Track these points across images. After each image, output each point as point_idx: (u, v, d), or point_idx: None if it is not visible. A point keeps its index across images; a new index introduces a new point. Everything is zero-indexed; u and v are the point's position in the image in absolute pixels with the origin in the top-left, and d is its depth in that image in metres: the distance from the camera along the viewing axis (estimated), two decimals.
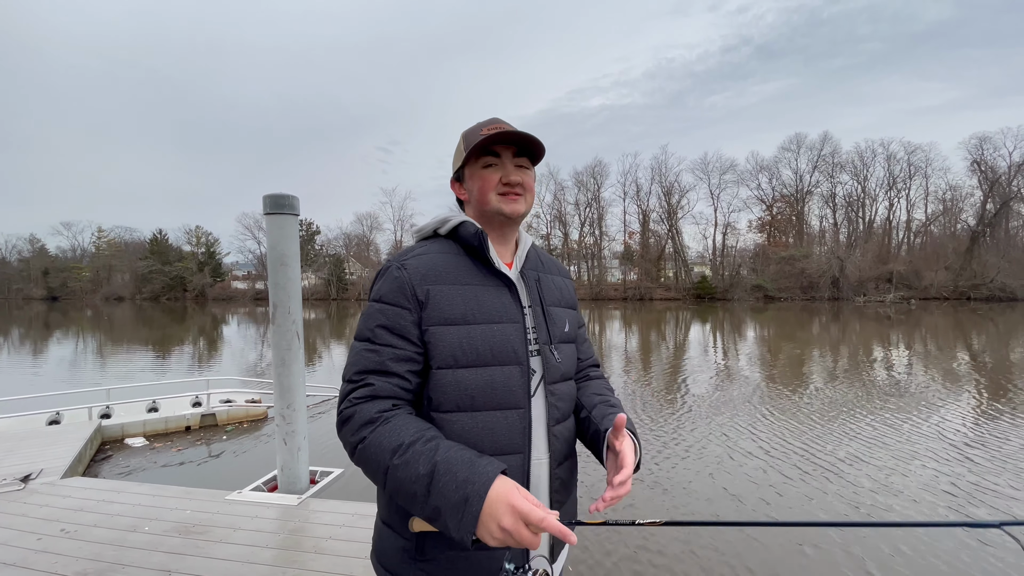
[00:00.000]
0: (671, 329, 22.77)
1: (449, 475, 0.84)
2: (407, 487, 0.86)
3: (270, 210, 4.08)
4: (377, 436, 0.91)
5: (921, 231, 49.03)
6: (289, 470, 4.16)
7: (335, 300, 53.94)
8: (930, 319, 24.94)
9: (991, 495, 4.65)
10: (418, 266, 1.02)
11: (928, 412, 7.50)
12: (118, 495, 3.89)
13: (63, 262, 69.07)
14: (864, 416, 7.34)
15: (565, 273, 1.30)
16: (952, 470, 5.25)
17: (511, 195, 1.07)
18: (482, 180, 1.07)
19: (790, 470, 5.31)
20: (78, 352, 16.59)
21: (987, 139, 43.86)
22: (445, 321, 0.99)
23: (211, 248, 66.88)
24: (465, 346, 0.98)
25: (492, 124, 1.07)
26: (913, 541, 3.75)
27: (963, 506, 4.46)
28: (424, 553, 0.99)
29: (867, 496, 4.66)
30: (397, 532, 1.02)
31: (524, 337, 1.05)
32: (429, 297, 0.99)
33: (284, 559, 2.93)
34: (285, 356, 4.12)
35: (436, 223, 1.12)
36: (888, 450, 5.88)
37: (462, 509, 0.82)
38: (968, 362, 12.13)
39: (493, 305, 1.04)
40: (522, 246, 1.16)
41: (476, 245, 1.05)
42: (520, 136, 1.04)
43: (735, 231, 52.92)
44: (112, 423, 6.60)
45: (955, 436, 6.36)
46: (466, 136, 1.10)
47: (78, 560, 2.90)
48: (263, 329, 24.43)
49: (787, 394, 8.92)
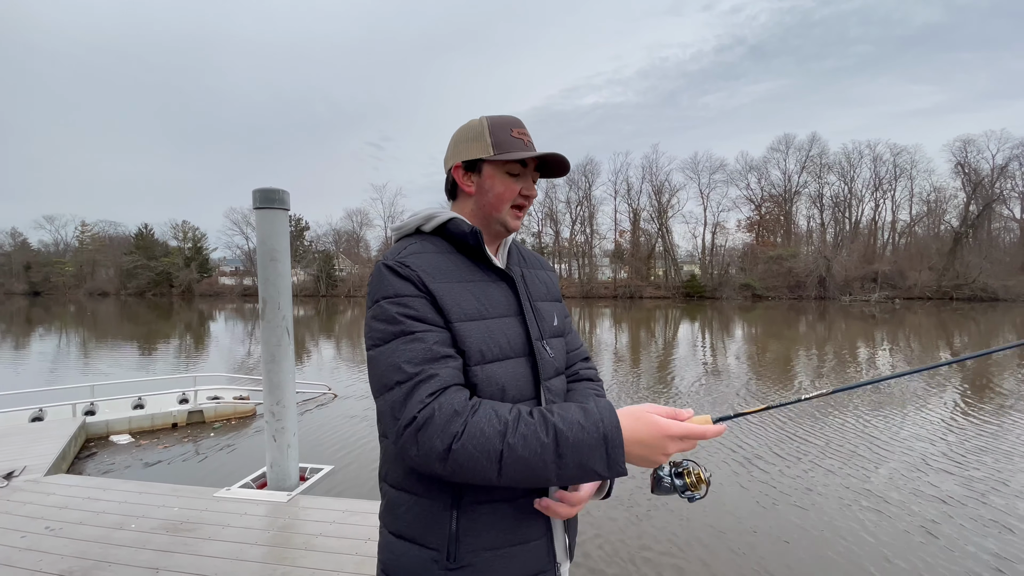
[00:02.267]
0: (660, 327, 22.92)
1: (575, 427, 0.82)
2: (534, 462, 0.81)
3: (260, 204, 4.04)
4: (474, 426, 0.82)
5: (906, 232, 49.79)
6: (278, 467, 4.14)
7: (324, 297, 53.57)
8: (914, 318, 25.36)
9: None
10: (421, 264, 0.96)
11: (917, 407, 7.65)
12: (104, 492, 3.84)
13: (46, 257, 67.66)
14: (850, 414, 7.46)
15: (547, 266, 1.28)
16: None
17: (521, 210, 1.06)
18: (504, 187, 1.04)
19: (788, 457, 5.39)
20: (61, 348, 16.31)
21: (971, 142, 44.66)
22: (465, 317, 0.95)
23: (198, 243, 66.03)
24: (489, 340, 0.96)
25: (519, 127, 1.05)
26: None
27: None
28: (458, 559, 0.92)
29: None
30: (421, 544, 0.94)
31: (527, 331, 1.04)
32: (442, 294, 0.95)
33: (274, 556, 2.91)
34: (275, 352, 4.09)
35: (420, 220, 1.06)
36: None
37: (604, 447, 0.81)
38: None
39: (498, 299, 1.02)
40: (504, 243, 1.15)
41: (473, 244, 1.02)
42: (563, 164, 1.05)
43: (724, 230, 53.39)
44: (97, 420, 6.51)
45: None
46: (494, 129, 1.03)
47: (63, 558, 2.87)
48: (251, 325, 24.19)
49: (777, 390, 9.03)
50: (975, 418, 7.19)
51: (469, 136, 1.05)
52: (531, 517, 0.98)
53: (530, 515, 0.98)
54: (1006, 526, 4.06)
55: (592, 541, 3.86)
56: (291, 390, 4.19)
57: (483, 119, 1.06)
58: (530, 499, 0.98)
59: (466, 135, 1.06)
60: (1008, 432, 6.51)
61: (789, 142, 50.86)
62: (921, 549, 3.73)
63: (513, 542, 0.96)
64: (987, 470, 5.24)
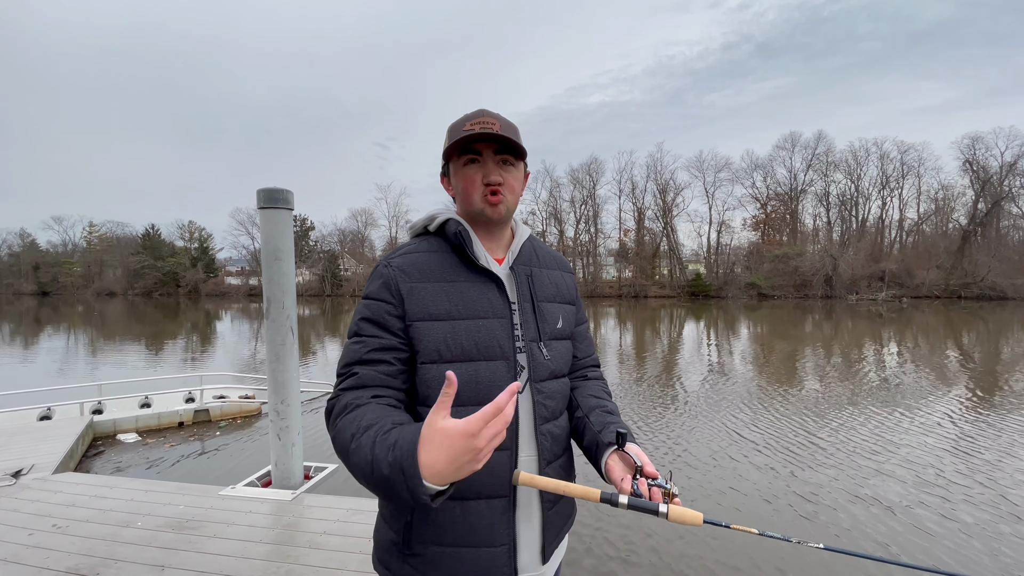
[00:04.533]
0: (665, 326, 22.85)
1: (383, 454, 0.79)
2: (362, 470, 0.82)
3: (264, 204, 4.05)
4: (341, 424, 0.90)
5: (913, 230, 49.43)
6: (283, 465, 4.15)
7: (329, 296, 53.76)
8: (922, 317, 25.16)
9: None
10: (402, 264, 1.04)
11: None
12: (110, 490, 3.87)
13: (54, 257, 68.37)
14: (857, 410, 7.41)
15: (565, 267, 1.25)
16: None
17: (493, 196, 1.04)
18: (465, 179, 1.05)
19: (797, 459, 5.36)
20: (69, 347, 16.45)
21: (979, 139, 44.29)
22: (429, 316, 0.99)
23: (204, 243, 66.47)
24: (450, 340, 0.99)
25: (477, 117, 1.03)
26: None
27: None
28: (410, 547, 0.99)
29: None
30: (388, 524, 1.02)
31: (511, 333, 1.03)
32: (412, 293, 1.00)
33: (278, 554, 2.92)
34: (279, 351, 4.10)
35: (426, 220, 1.12)
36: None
37: (402, 476, 0.76)
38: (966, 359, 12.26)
39: (478, 301, 1.03)
40: (517, 239, 1.14)
41: (456, 244, 1.06)
42: (495, 137, 1.01)
43: (729, 229, 53.20)
44: (104, 419, 6.55)
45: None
46: (450, 131, 1.07)
47: (70, 555, 2.89)
48: (256, 325, 24.31)
49: (788, 391, 8.98)
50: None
51: (444, 144, 1.09)
52: (488, 522, 0.98)
53: (487, 521, 0.98)
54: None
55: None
56: (295, 389, 4.20)
57: (448, 126, 1.10)
58: (488, 503, 0.99)
59: (444, 144, 1.10)
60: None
61: (795, 140, 50.66)
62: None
63: (462, 543, 0.98)
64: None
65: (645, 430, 6.65)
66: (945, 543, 3.80)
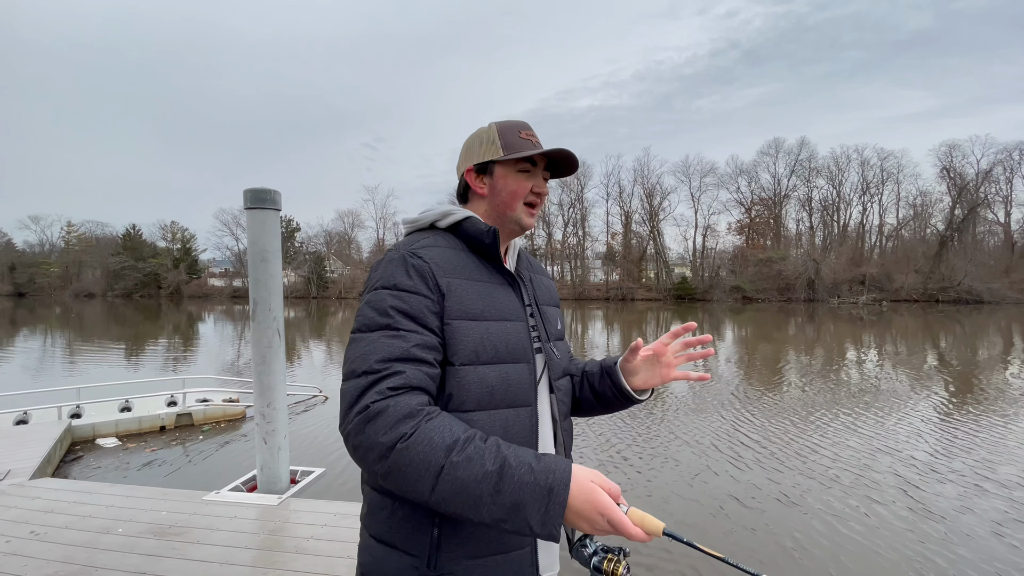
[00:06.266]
0: (652, 329, 23.03)
1: (524, 467, 0.77)
2: (471, 487, 0.77)
3: (251, 205, 4.01)
4: (425, 432, 0.79)
5: (893, 235, 50.56)
6: (269, 470, 4.10)
7: (315, 298, 53.22)
8: (901, 321, 25.70)
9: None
10: (435, 257, 0.97)
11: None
12: (90, 496, 3.78)
13: (31, 257, 66.72)
14: (836, 411, 7.54)
15: (547, 274, 1.32)
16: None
17: (534, 208, 1.09)
18: (516, 184, 1.06)
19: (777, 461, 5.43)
20: (46, 350, 16.06)
21: (956, 147, 45.55)
22: (466, 315, 0.95)
23: (187, 244, 65.46)
24: (485, 342, 0.96)
25: (527, 129, 1.08)
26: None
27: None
28: (437, 567, 0.91)
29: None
30: (401, 550, 0.93)
31: (529, 335, 1.05)
32: (450, 289, 0.95)
33: (264, 560, 2.88)
34: (266, 354, 4.05)
35: (436, 216, 1.07)
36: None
37: (547, 499, 0.75)
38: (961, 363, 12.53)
39: (505, 303, 1.03)
40: (513, 248, 1.17)
41: (488, 243, 1.02)
42: (571, 161, 1.07)
43: (715, 233, 53.90)
44: (83, 423, 6.41)
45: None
46: (503, 132, 1.06)
47: (49, 562, 2.82)
48: (240, 327, 23.98)
49: (769, 393, 9.10)
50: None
51: (480, 140, 1.09)
52: None
53: None
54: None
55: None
56: (282, 392, 4.15)
57: (492, 124, 1.10)
58: None
59: (477, 140, 1.09)
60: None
61: (779, 146, 51.53)
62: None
63: (495, 551, 0.95)
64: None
65: (637, 428, 6.70)
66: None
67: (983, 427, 6.84)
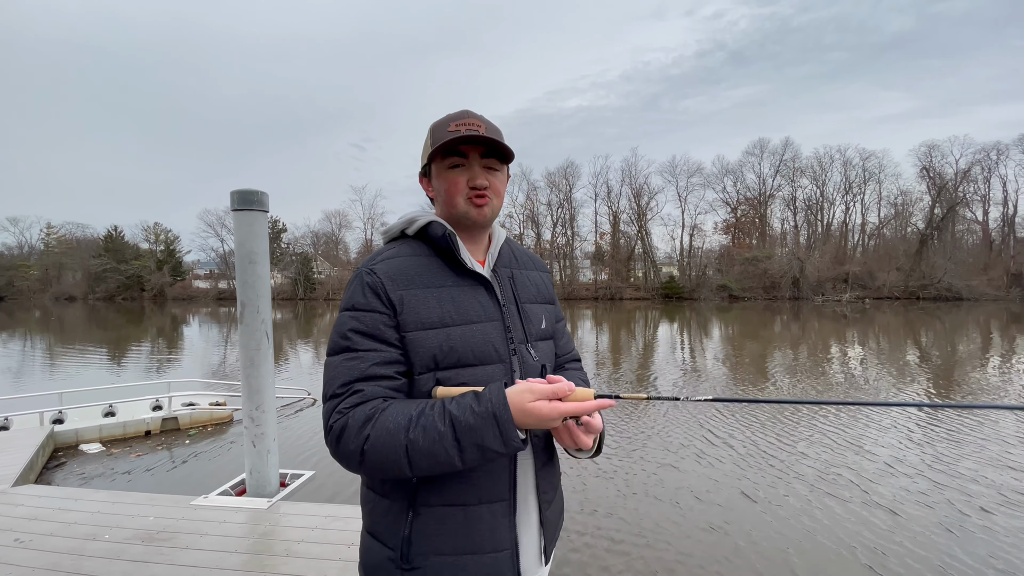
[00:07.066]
0: (640, 328, 23.19)
1: (467, 411, 0.85)
2: (437, 451, 0.85)
3: (238, 206, 3.97)
4: (381, 425, 0.87)
5: (875, 234, 51.38)
6: (258, 473, 4.06)
7: (302, 300, 52.72)
8: (883, 318, 26.17)
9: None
10: (387, 270, 0.98)
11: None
12: (75, 503, 3.73)
13: (9, 260, 65.00)
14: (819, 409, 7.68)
15: (542, 267, 1.26)
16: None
17: (478, 200, 1.02)
18: (448, 182, 1.02)
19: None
20: (26, 354, 15.72)
21: (936, 147, 46.41)
22: (422, 325, 0.96)
23: (171, 246, 64.30)
24: (445, 349, 0.96)
25: (462, 119, 1.01)
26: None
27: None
28: (410, 561, 0.95)
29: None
30: (382, 541, 0.98)
31: (504, 335, 1.03)
32: (404, 301, 0.96)
33: (255, 564, 2.87)
34: (254, 356, 4.02)
35: (403, 223, 1.07)
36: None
37: (496, 424, 0.84)
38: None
39: (470, 305, 1.01)
40: (495, 243, 1.13)
41: (445, 247, 1.02)
42: (484, 140, 0.99)
43: (701, 233, 54.28)
44: (65, 428, 6.30)
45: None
46: (433, 131, 1.04)
47: (34, 570, 2.77)
48: (226, 329, 23.68)
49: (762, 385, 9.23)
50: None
51: (423, 147, 1.08)
52: (491, 527, 0.98)
53: (489, 525, 0.97)
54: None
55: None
56: (270, 395, 4.12)
57: (430, 126, 1.08)
58: (489, 507, 0.98)
59: (423, 148, 1.08)
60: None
61: (763, 146, 52.08)
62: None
63: (466, 551, 0.95)
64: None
65: (630, 426, 6.75)
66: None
67: (966, 424, 7.01)
